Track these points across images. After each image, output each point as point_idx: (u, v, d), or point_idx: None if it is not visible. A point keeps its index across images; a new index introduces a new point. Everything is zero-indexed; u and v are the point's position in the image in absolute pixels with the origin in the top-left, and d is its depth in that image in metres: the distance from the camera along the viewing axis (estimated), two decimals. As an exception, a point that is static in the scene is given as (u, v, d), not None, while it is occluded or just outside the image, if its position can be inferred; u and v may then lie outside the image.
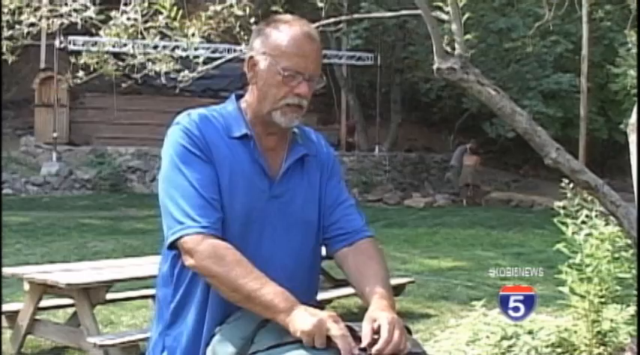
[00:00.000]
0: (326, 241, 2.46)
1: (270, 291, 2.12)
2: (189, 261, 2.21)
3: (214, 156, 2.27)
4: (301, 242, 2.37)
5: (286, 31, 2.32)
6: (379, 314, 2.15)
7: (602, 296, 5.62)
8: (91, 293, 5.76)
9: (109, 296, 6.35)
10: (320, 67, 2.35)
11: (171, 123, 2.38)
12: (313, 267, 2.46)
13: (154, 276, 2.47)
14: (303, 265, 2.38)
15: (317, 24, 5.94)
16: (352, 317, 7.82)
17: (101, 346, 5.52)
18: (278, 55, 2.29)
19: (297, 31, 2.31)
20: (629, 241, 4.85)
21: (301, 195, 2.37)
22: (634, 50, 9.30)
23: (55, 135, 18.77)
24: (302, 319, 2.06)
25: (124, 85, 8.64)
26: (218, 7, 5.61)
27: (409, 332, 2.25)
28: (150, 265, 6.22)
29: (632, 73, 8.24)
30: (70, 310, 6.50)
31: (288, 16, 2.42)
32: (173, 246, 2.25)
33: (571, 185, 5.42)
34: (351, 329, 2.12)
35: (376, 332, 2.10)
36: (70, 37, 17.49)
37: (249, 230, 2.28)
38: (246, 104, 2.40)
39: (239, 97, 2.46)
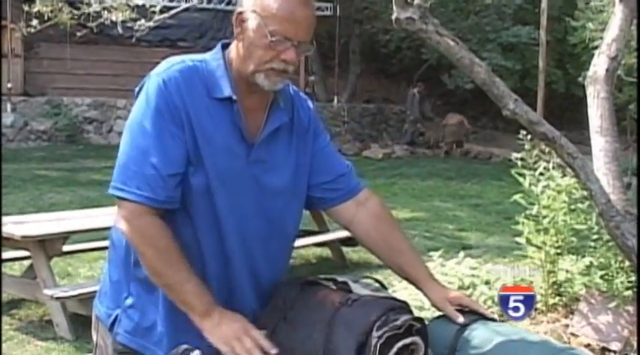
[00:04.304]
0: (320, 199, 2.44)
1: (190, 290, 2.12)
2: (120, 226, 2.18)
3: (192, 120, 2.16)
4: (276, 207, 2.30)
5: None
6: (451, 294, 2.29)
7: (558, 247, 5.68)
8: (47, 245, 5.71)
9: (66, 248, 6.31)
10: (311, 34, 2.23)
11: (146, 73, 2.25)
12: (288, 233, 2.40)
13: (111, 227, 2.42)
14: (277, 231, 2.32)
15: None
16: (310, 268, 7.84)
17: (58, 298, 5.50)
18: (268, 16, 2.15)
19: None
20: (585, 193, 4.90)
21: (279, 161, 2.30)
22: (593, 3, 9.32)
23: (9, 85, 18.45)
24: (213, 331, 2.11)
25: (79, 34, 8.51)
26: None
27: (383, 287, 2.27)
28: (107, 216, 6.17)
29: (591, 26, 8.25)
30: (27, 262, 6.46)
31: None
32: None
33: (529, 137, 5.45)
34: (345, 283, 2.19)
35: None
36: (24, -15, 17.14)
37: (224, 194, 2.20)
38: (231, 59, 2.26)
39: (225, 46, 2.32)
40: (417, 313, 2.10)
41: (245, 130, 2.22)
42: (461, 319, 2.19)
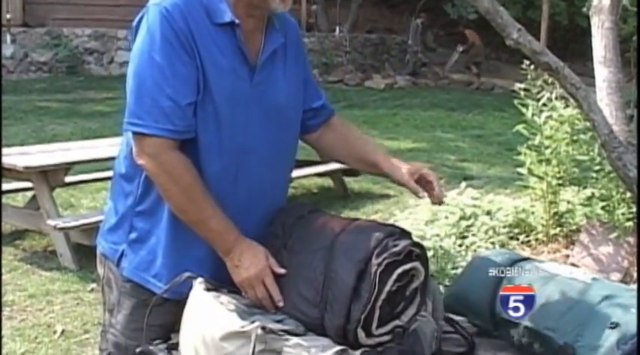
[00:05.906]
0: (306, 125, 2.47)
1: (213, 228, 2.15)
2: (144, 162, 2.14)
3: (199, 47, 2.13)
4: (278, 131, 2.30)
5: None
6: (415, 166, 2.46)
7: (559, 178, 5.70)
8: (50, 176, 5.73)
9: (69, 179, 6.33)
10: None
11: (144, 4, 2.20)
12: (290, 155, 2.42)
13: (114, 158, 2.41)
14: (280, 152, 2.33)
15: None
16: (312, 198, 7.88)
17: (61, 228, 5.53)
18: None
19: None
20: (587, 124, 4.89)
21: (279, 83, 2.29)
22: None
23: (8, 16, 18.24)
24: (232, 271, 2.17)
25: (78, -37, 8.40)
26: None
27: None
28: (109, 147, 6.17)
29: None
30: (29, 193, 6.48)
31: None
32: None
33: (532, 67, 5.42)
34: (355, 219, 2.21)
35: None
36: None
37: (230, 119, 2.18)
38: None
39: None
40: (418, 243, 2.11)
41: (247, 53, 2.21)
42: (421, 193, 2.42)
